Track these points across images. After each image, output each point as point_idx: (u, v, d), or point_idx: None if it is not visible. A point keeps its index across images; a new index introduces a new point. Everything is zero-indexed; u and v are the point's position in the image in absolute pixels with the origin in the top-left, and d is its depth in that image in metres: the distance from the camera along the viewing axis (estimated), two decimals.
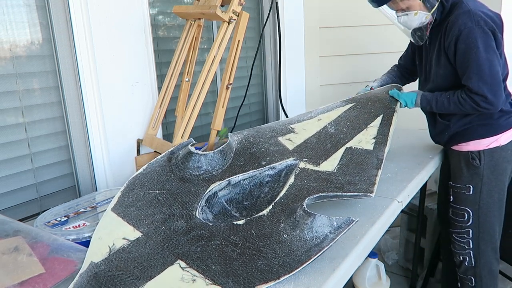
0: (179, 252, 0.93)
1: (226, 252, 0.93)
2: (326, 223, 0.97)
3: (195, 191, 1.16)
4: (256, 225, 1.02)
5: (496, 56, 1.45)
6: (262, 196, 1.23)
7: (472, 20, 1.43)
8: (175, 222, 1.03)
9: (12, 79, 1.33)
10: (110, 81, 1.50)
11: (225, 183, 1.21)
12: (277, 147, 1.41)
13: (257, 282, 0.84)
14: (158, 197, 1.12)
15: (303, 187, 1.20)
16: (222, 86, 1.50)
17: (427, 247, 2.33)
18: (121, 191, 1.12)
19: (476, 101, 1.46)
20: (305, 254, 0.90)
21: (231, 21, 1.46)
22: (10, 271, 0.85)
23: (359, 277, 1.87)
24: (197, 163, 1.24)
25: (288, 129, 1.54)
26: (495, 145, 1.58)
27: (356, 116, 1.63)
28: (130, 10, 1.54)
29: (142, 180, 1.17)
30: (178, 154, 1.27)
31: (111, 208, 1.06)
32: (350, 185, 1.22)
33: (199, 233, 0.99)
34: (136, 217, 1.04)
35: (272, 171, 1.30)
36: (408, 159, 1.69)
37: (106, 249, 0.93)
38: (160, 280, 0.85)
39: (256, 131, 1.49)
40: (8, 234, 0.98)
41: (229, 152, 1.33)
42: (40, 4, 1.37)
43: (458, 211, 1.68)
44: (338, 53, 2.62)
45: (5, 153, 1.34)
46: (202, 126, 2.12)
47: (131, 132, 1.62)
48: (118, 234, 0.98)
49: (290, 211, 1.05)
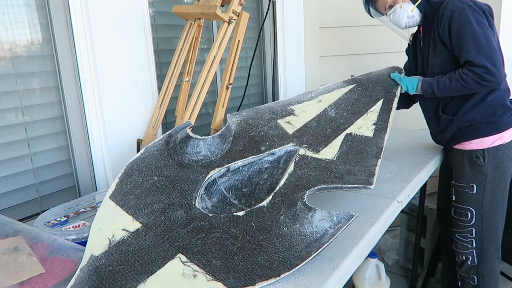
0: (180, 245, 0.92)
1: (227, 246, 0.92)
2: (326, 217, 0.97)
3: (194, 178, 1.14)
4: (256, 217, 1.02)
5: (490, 32, 1.46)
6: (261, 183, 1.22)
7: (462, 2, 1.47)
8: (175, 212, 1.02)
9: (12, 79, 1.33)
10: (110, 81, 1.50)
11: (224, 169, 1.20)
12: (276, 130, 1.40)
13: (257, 279, 0.83)
14: (156, 184, 1.10)
15: (302, 176, 1.19)
16: (222, 86, 1.50)
17: (427, 247, 2.33)
18: (119, 177, 1.10)
19: (478, 73, 1.44)
20: (305, 250, 0.90)
21: (231, 21, 1.46)
22: (10, 271, 0.85)
23: (359, 277, 1.87)
24: (196, 148, 1.22)
25: (288, 110, 1.52)
26: (499, 143, 1.57)
27: (357, 99, 1.61)
28: (130, 10, 1.54)
29: (140, 166, 1.14)
30: (176, 137, 1.25)
31: (109, 196, 1.05)
32: (350, 175, 1.21)
33: (199, 224, 0.99)
34: (135, 206, 1.03)
35: (271, 157, 1.29)
36: (408, 159, 1.69)
37: (106, 241, 0.92)
38: (161, 275, 0.85)
39: (255, 112, 1.46)
40: (8, 234, 0.98)
41: (228, 136, 1.31)
42: (40, 4, 1.37)
43: (461, 210, 1.67)
44: (338, 53, 2.62)
45: (5, 153, 1.33)
46: (202, 126, 2.12)
47: (131, 132, 1.62)
48: (117, 224, 0.97)
49: (290, 202, 1.05)
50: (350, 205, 1.25)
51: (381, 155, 1.32)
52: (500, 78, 1.45)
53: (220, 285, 0.82)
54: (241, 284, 0.82)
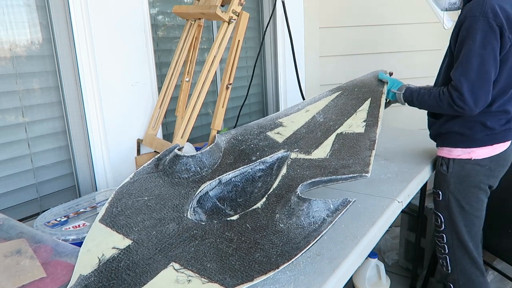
0: (172, 254, 0.89)
1: (221, 249, 0.90)
2: (322, 207, 0.95)
3: (185, 193, 1.12)
4: (250, 219, 1.00)
5: (493, 56, 1.34)
6: (255, 192, 1.19)
7: (481, 10, 1.33)
8: (166, 226, 0.99)
9: (12, 79, 1.32)
10: (110, 81, 1.50)
11: (215, 182, 1.18)
12: (266, 141, 1.39)
13: (255, 274, 0.81)
14: (147, 203, 1.07)
15: (296, 176, 1.17)
16: (222, 86, 1.50)
17: (427, 247, 2.32)
18: (109, 201, 1.07)
19: (453, 96, 1.38)
20: (304, 240, 0.88)
21: (231, 21, 1.46)
22: (12, 275, 0.84)
23: (359, 277, 1.87)
24: (185, 165, 1.20)
25: (276, 123, 1.51)
26: (466, 157, 1.52)
27: (344, 103, 1.61)
28: (130, 10, 1.54)
29: (130, 189, 1.12)
30: (165, 160, 1.24)
31: (99, 220, 1.02)
32: (345, 168, 1.19)
33: (192, 233, 0.96)
34: (126, 225, 0.99)
35: (263, 165, 1.27)
36: (408, 159, 1.69)
37: (95, 260, 0.88)
38: (153, 284, 0.82)
39: (243, 129, 1.46)
40: (11, 236, 0.97)
41: (217, 152, 1.30)
42: (40, 4, 1.37)
43: (434, 214, 1.67)
44: (338, 53, 2.62)
45: (5, 153, 1.33)
46: (202, 126, 2.12)
47: (131, 132, 1.62)
48: (107, 244, 0.93)
49: (284, 200, 1.03)
50: None
51: (375, 146, 1.30)
52: (472, 109, 1.36)
53: (217, 285, 0.80)
54: (239, 282, 0.80)
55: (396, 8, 1.94)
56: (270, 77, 2.50)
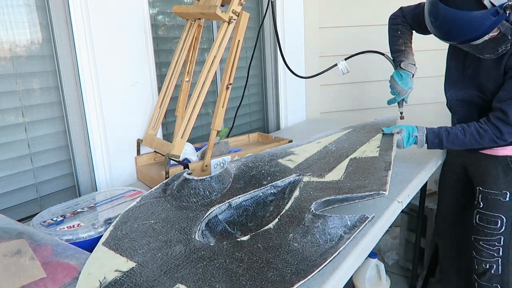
0: (179, 276, 0.85)
1: (231, 269, 0.86)
2: (339, 223, 0.93)
3: (193, 216, 1.08)
4: (262, 239, 0.95)
5: None
6: (267, 216, 1.15)
7: None
8: (173, 247, 0.95)
9: (12, 79, 1.33)
10: (110, 81, 1.50)
11: (225, 205, 1.14)
12: (278, 167, 1.36)
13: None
14: (153, 226, 1.04)
15: (309, 197, 1.14)
16: (222, 86, 1.50)
17: (427, 247, 2.33)
18: (113, 225, 1.04)
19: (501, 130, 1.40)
20: (321, 258, 0.86)
21: (231, 21, 1.46)
22: (11, 275, 0.84)
23: (359, 277, 1.87)
24: (194, 189, 1.17)
25: (288, 152, 1.51)
26: None
27: (357, 136, 1.65)
28: (130, 10, 1.54)
29: (136, 213, 1.09)
30: (173, 185, 1.21)
31: (102, 243, 0.98)
32: (360, 188, 1.17)
33: (200, 254, 0.92)
34: (130, 248, 0.95)
35: (275, 189, 1.23)
36: (408, 159, 1.69)
37: (96, 283, 0.84)
38: None
39: (254, 156, 1.44)
40: (11, 236, 0.97)
41: (227, 177, 1.27)
42: (40, 4, 1.37)
43: (490, 218, 1.59)
44: (338, 53, 2.61)
45: (5, 153, 1.33)
46: (202, 126, 2.12)
47: (131, 132, 1.62)
48: (110, 267, 0.89)
49: (298, 220, 1.00)
50: (350, 205, 1.24)
51: (391, 167, 1.29)
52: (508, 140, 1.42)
53: None
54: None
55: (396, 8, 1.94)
56: (270, 77, 2.50)
